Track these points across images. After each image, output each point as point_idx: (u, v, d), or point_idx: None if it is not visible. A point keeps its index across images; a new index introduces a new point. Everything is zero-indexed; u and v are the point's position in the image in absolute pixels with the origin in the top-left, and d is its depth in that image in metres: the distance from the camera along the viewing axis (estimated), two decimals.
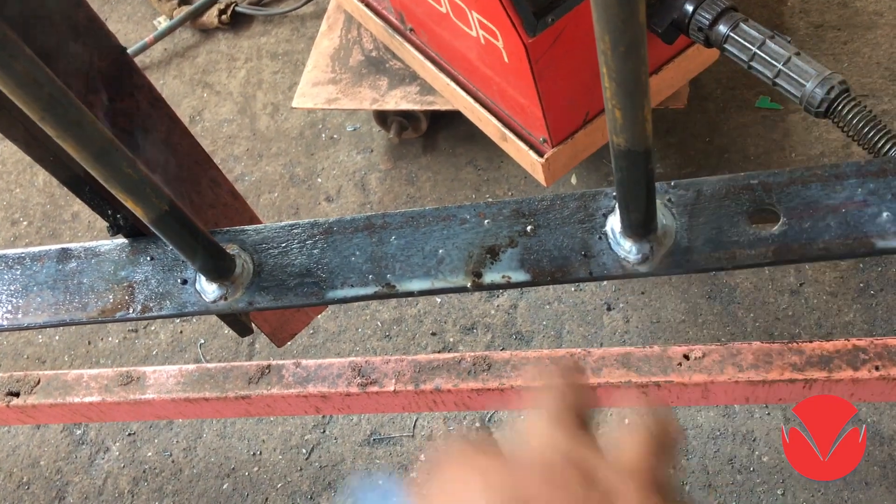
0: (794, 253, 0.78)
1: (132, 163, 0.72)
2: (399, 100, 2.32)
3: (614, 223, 0.83)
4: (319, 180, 2.57)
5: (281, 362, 1.75)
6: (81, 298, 0.92)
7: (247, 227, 0.91)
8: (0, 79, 0.61)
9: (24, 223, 2.77)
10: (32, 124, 0.79)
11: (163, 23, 3.06)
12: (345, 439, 2.08)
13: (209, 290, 0.88)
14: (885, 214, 0.77)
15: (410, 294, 0.85)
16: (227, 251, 0.88)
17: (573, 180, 2.35)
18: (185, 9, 3.01)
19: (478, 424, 2.05)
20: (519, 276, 0.84)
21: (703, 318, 2.04)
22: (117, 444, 2.21)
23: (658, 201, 0.82)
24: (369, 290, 0.86)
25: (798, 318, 1.99)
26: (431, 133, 2.54)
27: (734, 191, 0.82)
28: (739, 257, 0.79)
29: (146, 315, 0.90)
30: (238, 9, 2.99)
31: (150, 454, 2.17)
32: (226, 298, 0.88)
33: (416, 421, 2.07)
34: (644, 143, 0.67)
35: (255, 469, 2.09)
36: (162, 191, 0.76)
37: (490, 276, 0.84)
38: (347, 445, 2.07)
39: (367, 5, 2.33)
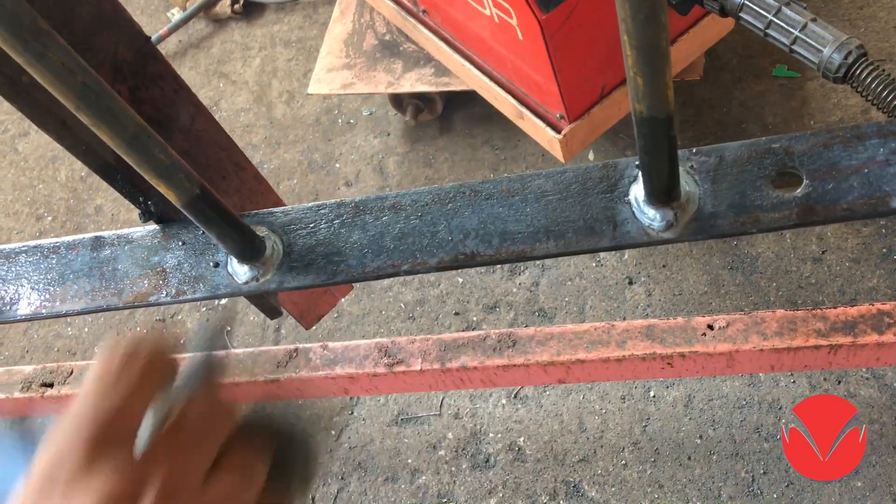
0: (818, 214, 0.78)
1: (164, 148, 0.73)
2: (414, 82, 2.33)
3: (637, 192, 0.83)
4: (338, 165, 2.59)
5: (308, 345, 1.78)
6: (116, 284, 0.94)
7: (275, 210, 0.93)
8: (36, 69, 0.62)
9: (49, 218, 2.81)
10: (65, 114, 0.82)
11: (176, 14, 3.08)
12: (373, 420, 2.10)
13: (241, 272, 0.90)
14: None
15: (438, 269, 0.87)
16: (258, 233, 0.90)
17: (591, 156, 2.35)
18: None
19: None
20: (547, 247, 0.85)
21: (725, 288, 2.05)
22: None
23: (680, 168, 0.83)
24: (397, 267, 0.87)
25: (821, 286, 1.99)
26: (447, 114, 2.54)
27: (756, 155, 0.83)
28: (763, 220, 0.80)
29: (181, 298, 0.92)
30: None
31: None
32: (257, 280, 0.90)
33: (442, 400, 2.09)
34: (666, 110, 0.68)
35: None
36: (193, 174, 0.77)
37: (519, 249, 0.85)
38: (376, 426, 2.10)
39: None
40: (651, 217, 0.82)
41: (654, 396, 1.96)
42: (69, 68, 0.63)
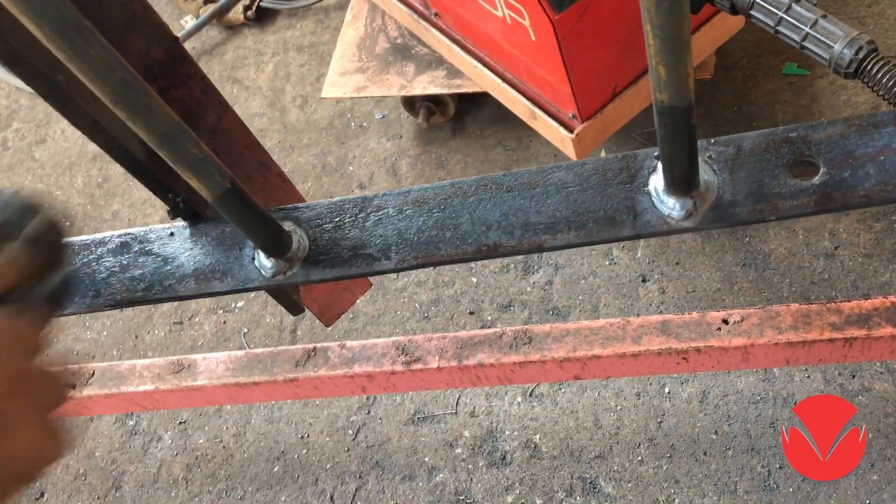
0: (836, 201, 0.80)
1: (196, 143, 0.75)
2: (426, 85, 2.36)
3: (657, 182, 0.85)
4: (351, 168, 2.61)
5: (326, 344, 1.80)
6: (148, 279, 0.96)
7: (300, 205, 0.95)
8: (77, 65, 0.65)
9: (66, 224, 2.84)
10: (98, 112, 0.84)
11: (189, 22, 3.12)
12: (389, 419, 2.12)
13: (268, 265, 0.92)
14: None
15: (462, 261, 0.88)
16: (284, 228, 0.92)
17: (602, 155, 2.37)
18: (211, 7, 3.06)
19: None
20: (568, 237, 0.87)
21: (738, 285, 2.06)
22: (169, 432, 2.27)
23: (699, 158, 0.85)
24: (421, 259, 0.89)
25: (834, 281, 2.00)
26: (459, 116, 2.57)
27: (774, 144, 0.84)
28: (782, 208, 0.81)
29: (210, 292, 0.94)
30: (263, 4, 3.04)
31: (201, 441, 2.23)
32: (284, 273, 0.92)
33: (458, 398, 2.11)
34: (687, 99, 0.70)
35: (304, 451, 2.14)
36: (224, 170, 0.80)
37: (541, 239, 0.87)
38: (392, 425, 2.11)
39: None
40: (671, 206, 0.84)
41: (669, 393, 1.97)
42: (109, 65, 0.66)
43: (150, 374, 1.87)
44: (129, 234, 1.00)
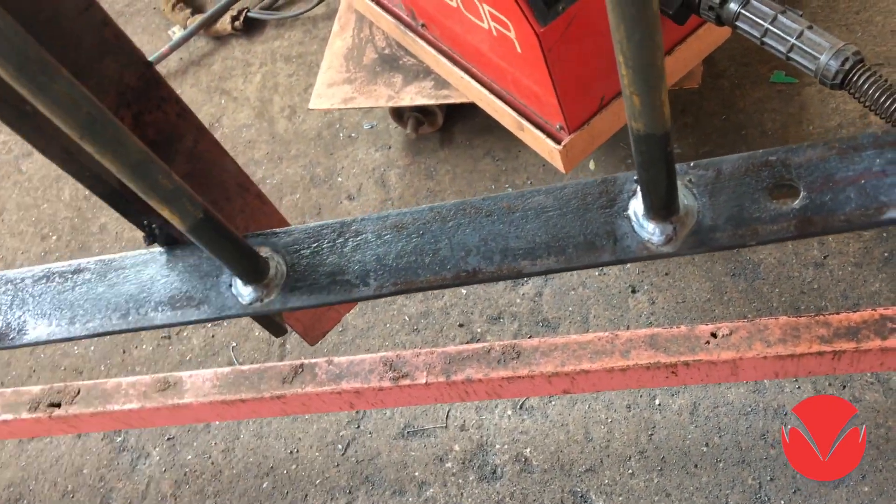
0: (816, 226, 0.79)
1: (167, 174, 0.74)
2: (414, 95, 2.35)
3: (637, 206, 0.84)
4: (340, 179, 2.60)
5: (314, 361, 1.78)
6: (123, 307, 0.95)
7: (278, 230, 0.94)
8: (41, 101, 0.63)
9: (54, 238, 2.83)
10: (69, 142, 0.83)
11: (177, 32, 3.10)
12: (379, 433, 2.11)
13: (245, 292, 0.91)
14: None
15: (441, 287, 0.87)
16: (261, 254, 0.91)
17: (591, 165, 2.36)
18: (199, 17, 3.04)
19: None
20: (548, 263, 0.86)
21: (728, 295, 2.05)
22: (157, 448, 2.26)
23: (679, 182, 0.84)
24: (400, 286, 0.88)
25: (824, 291, 1.99)
26: (448, 127, 2.56)
27: (753, 168, 0.84)
28: (762, 233, 0.80)
29: (187, 320, 0.93)
30: (250, 14, 3.02)
31: (189, 457, 2.21)
32: (261, 300, 0.91)
33: (448, 412, 2.10)
34: (663, 127, 0.69)
35: (294, 467, 2.13)
36: (196, 199, 0.78)
37: (520, 265, 0.86)
38: (382, 439, 2.10)
39: (378, 3, 2.35)
40: (650, 231, 0.83)
41: (659, 405, 1.96)
42: (74, 99, 0.64)
43: (136, 392, 1.85)
44: (105, 260, 0.99)
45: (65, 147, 0.84)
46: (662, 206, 0.80)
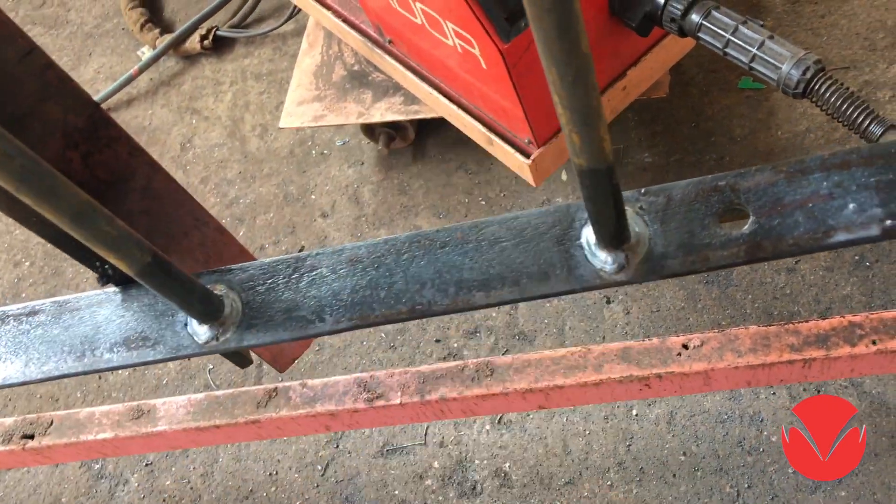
0: (766, 251, 0.79)
1: (110, 220, 0.73)
2: (384, 111, 2.34)
3: (589, 235, 0.84)
4: (313, 197, 2.59)
5: (287, 384, 1.77)
6: (78, 349, 0.94)
7: (233, 267, 0.93)
8: None
9: (27, 264, 2.80)
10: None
11: (146, 53, 3.09)
12: (358, 453, 2.10)
13: (201, 331, 0.90)
14: (851, 206, 0.78)
15: (397, 321, 0.87)
16: (215, 292, 0.90)
17: (563, 176, 2.36)
18: (168, 37, 3.03)
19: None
20: (502, 294, 0.85)
21: (702, 303, 2.06)
22: (135, 475, 2.24)
23: (630, 209, 0.84)
24: (355, 321, 0.87)
25: (796, 296, 2.00)
26: (420, 141, 2.55)
27: (703, 193, 0.84)
28: (713, 259, 0.80)
29: (144, 361, 0.92)
30: (219, 33, 3.01)
31: (168, 483, 2.20)
32: (217, 339, 0.90)
33: (427, 429, 2.09)
34: (605, 162, 0.69)
35: (273, 489, 2.11)
36: (143, 243, 0.78)
37: (474, 297, 0.86)
38: (361, 458, 2.09)
39: (345, 21, 2.34)
40: (603, 260, 0.83)
41: (636, 415, 1.96)
42: (6, 153, 0.64)
43: (110, 422, 1.83)
44: (59, 302, 0.98)
45: (7, 194, 0.83)
46: (612, 237, 0.80)
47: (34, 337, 0.97)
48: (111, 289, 0.96)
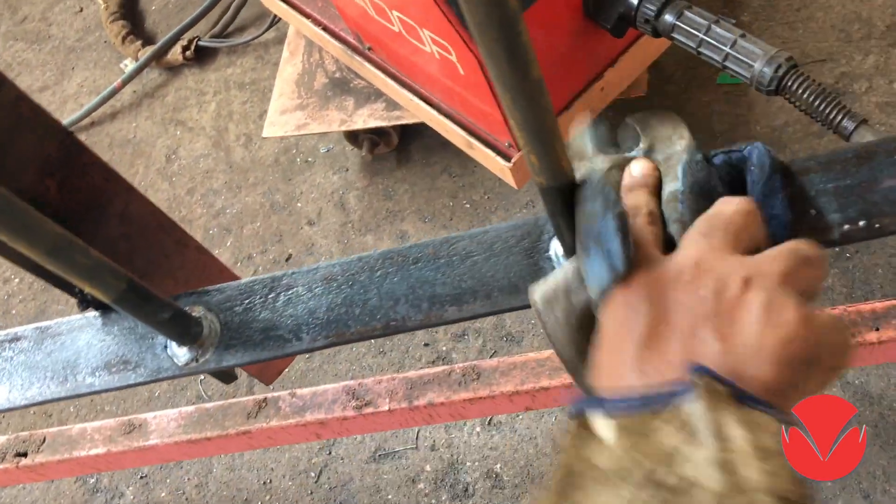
0: None
1: (85, 251, 0.75)
2: (367, 118, 2.35)
3: (557, 247, 0.86)
4: (299, 205, 2.60)
5: (277, 394, 1.79)
6: (61, 374, 0.95)
7: (210, 288, 0.95)
8: None
9: (16, 280, 2.81)
10: None
11: (129, 65, 3.09)
12: (351, 458, 2.11)
13: (180, 353, 0.92)
14: (811, 212, 0.80)
15: (372, 338, 0.89)
16: (193, 314, 0.92)
17: None
18: (150, 49, 3.03)
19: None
20: (475, 308, 0.87)
21: None
22: (131, 488, 2.25)
23: None
24: (331, 339, 0.89)
25: None
26: (404, 145, 2.57)
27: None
28: None
29: (125, 384, 0.93)
30: (201, 43, 3.02)
31: (163, 495, 2.21)
32: (196, 360, 0.91)
33: (418, 432, 2.11)
34: (565, 179, 0.70)
35: (268, 498, 2.13)
36: (119, 271, 0.79)
37: (447, 312, 0.87)
38: (354, 464, 2.11)
39: (325, 29, 2.35)
40: None
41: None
42: None
43: (102, 437, 1.85)
44: (41, 327, 0.99)
45: None
46: None
47: (17, 363, 0.98)
48: (92, 313, 0.98)
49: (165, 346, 0.93)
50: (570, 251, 0.82)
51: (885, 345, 1.52)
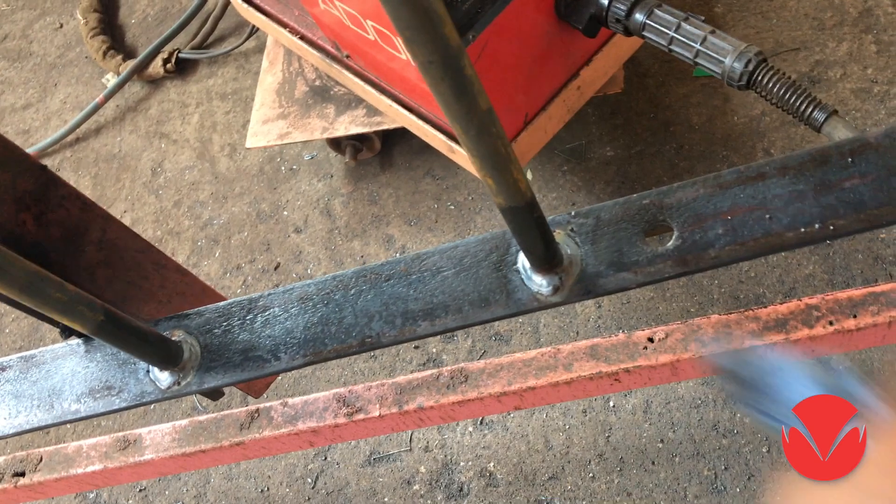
0: (690, 265, 0.83)
1: (60, 286, 0.77)
2: (348, 125, 2.37)
3: (525, 260, 0.88)
4: (286, 213, 2.62)
5: (269, 404, 1.81)
6: (47, 402, 0.97)
7: (189, 311, 0.97)
8: None
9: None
10: None
11: (111, 80, 3.10)
12: (346, 463, 2.14)
13: (162, 378, 0.94)
14: (767, 216, 0.82)
15: (347, 355, 0.91)
16: (173, 339, 0.93)
17: (528, 175, 2.40)
18: (131, 63, 3.04)
19: None
20: (446, 322, 0.89)
21: (670, 291, 2.10)
22: (130, 501, 2.27)
23: (562, 232, 0.88)
24: (309, 357, 0.91)
25: (760, 278, 2.04)
26: (387, 150, 2.59)
27: (630, 212, 0.87)
28: (640, 275, 0.84)
29: (109, 410, 0.95)
30: (182, 55, 3.03)
31: None
32: (178, 383, 0.93)
33: (411, 435, 2.13)
34: (522, 199, 0.72)
35: None
36: (95, 303, 0.81)
37: (420, 327, 0.90)
38: (350, 468, 2.13)
39: (303, 38, 2.37)
40: (539, 283, 0.87)
41: (613, 406, 2.01)
42: None
43: (98, 454, 1.87)
44: (26, 357, 1.01)
45: None
46: (544, 262, 0.84)
47: (4, 393, 1.00)
48: (75, 341, 1.00)
49: (148, 371, 0.95)
50: (537, 264, 0.85)
51: (862, 331, 1.54)
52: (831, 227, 0.80)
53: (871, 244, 2.00)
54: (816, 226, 0.80)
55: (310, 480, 2.15)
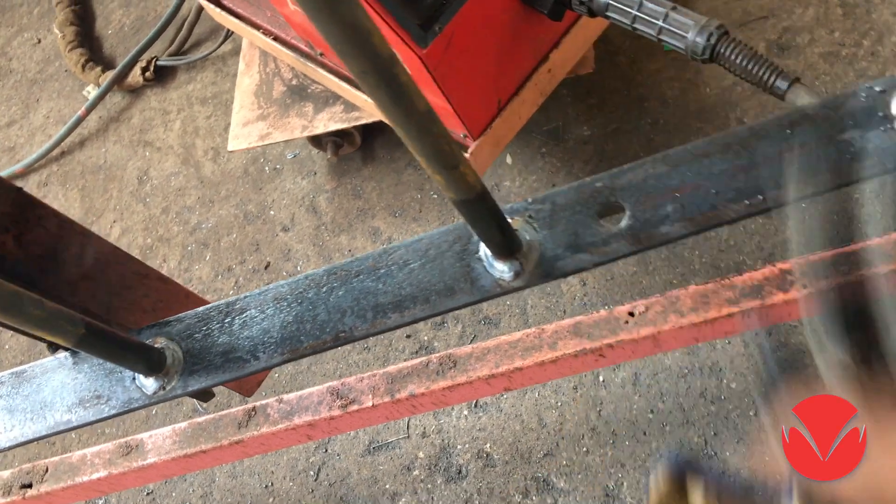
0: (643, 242, 0.87)
1: (39, 303, 0.80)
2: (327, 122, 2.40)
3: (485, 249, 0.91)
4: (272, 213, 2.65)
5: (265, 402, 1.85)
6: (40, 414, 1.01)
7: (170, 319, 1.00)
8: None
9: None
10: None
11: (92, 92, 3.13)
12: (346, 454, 2.18)
13: (148, 384, 0.97)
14: (713, 191, 0.86)
15: (324, 350, 0.94)
16: (156, 346, 0.97)
17: (508, 160, 2.43)
18: (110, 73, 3.07)
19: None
20: (415, 312, 0.93)
21: (652, 265, 2.14)
22: None
23: (520, 219, 0.91)
24: (286, 355, 0.95)
25: (740, 246, 2.08)
26: (368, 144, 2.61)
27: (584, 196, 0.91)
28: (596, 255, 0.88)
29: (100, 418, 0.99)
30: (160, 62, 3.05)
31: None
32: (164, 388, 0.97)
33: (408, 422, 2.17)
34: (473, 192, 0.76)
35: (271, 500, 2.20)
36: (75, 317, 0.84)
37: (391, 319, 0.93)
38: (350, 459, 2.18)
39: (276, 38, 2.39)
40: (500, 269, 0.90)
41: (603, 381, 2.05)
42: None
43: (101, 461, 1.91)
44: (17, 372, 1.04)
45: None
46: (503, 249, 0.87)
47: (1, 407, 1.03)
48: (62, 354, 1.03)
49: (134, 378, 0.99)
50: (497, 252, 0.88)
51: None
52: (774, 198, 0.84)
53: (845, 205, 2.03)
54: (759, 197, 0.84)
55: (312, 473, 2.20)
